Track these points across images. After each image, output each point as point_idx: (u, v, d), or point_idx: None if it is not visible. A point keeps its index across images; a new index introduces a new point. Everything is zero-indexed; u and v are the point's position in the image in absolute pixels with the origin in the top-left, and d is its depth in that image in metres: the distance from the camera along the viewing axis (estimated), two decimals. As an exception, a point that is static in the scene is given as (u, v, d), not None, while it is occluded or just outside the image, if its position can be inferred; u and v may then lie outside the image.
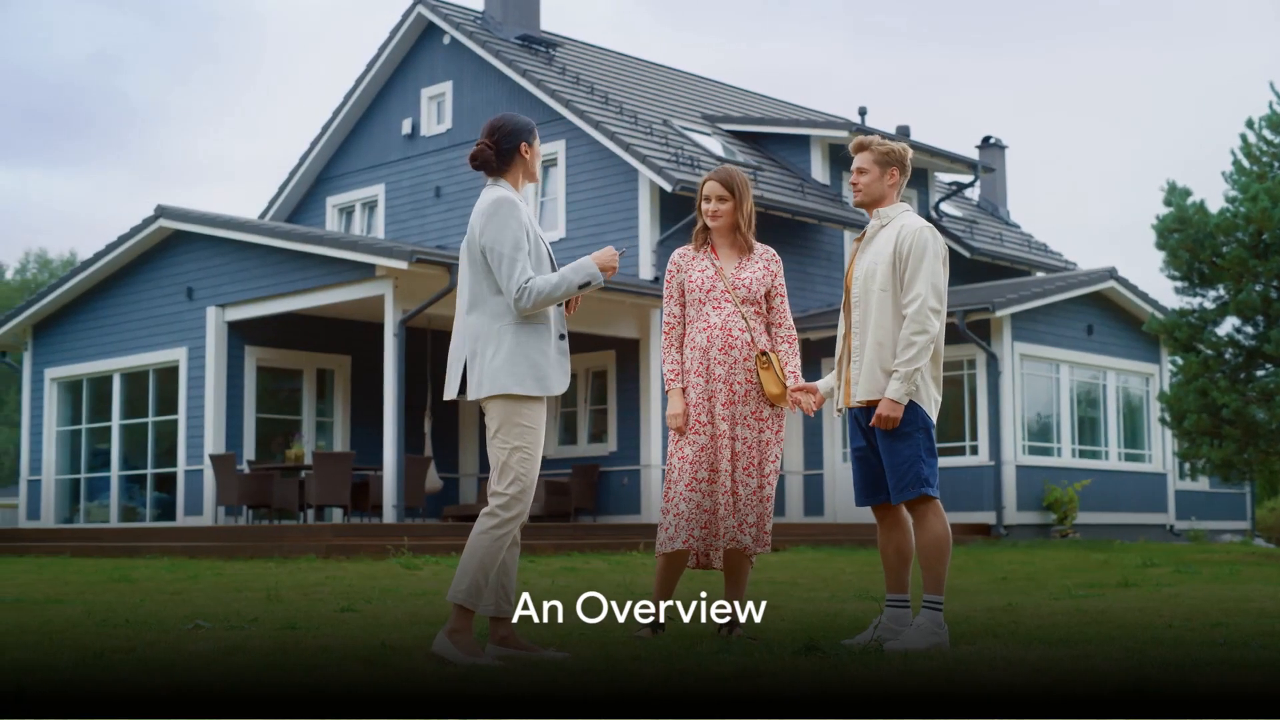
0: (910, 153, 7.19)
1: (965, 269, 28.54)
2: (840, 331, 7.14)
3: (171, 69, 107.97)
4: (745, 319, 7.30)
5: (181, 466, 22.77)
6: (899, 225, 6.96)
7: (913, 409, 6.81)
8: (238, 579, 13.49)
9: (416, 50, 27.47)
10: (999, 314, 22.48)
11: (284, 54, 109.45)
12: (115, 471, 24.26)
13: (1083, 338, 24.64)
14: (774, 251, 7.53)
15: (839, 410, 7.16)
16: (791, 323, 7.48)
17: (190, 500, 22.58)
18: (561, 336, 6.31)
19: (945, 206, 29.54)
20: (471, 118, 26.21)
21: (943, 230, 28.08)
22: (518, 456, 6.14)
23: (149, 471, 23.87)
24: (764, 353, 7.29)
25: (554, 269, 6.32)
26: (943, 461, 23.39)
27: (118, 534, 21.32)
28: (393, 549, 16.27)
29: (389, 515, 20.08)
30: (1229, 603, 9.51)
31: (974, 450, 23.29)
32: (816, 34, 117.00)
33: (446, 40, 26.76)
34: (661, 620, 7.36)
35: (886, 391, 6.76)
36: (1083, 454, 24.52)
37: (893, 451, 6.81)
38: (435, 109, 27.05)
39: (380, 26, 54.50)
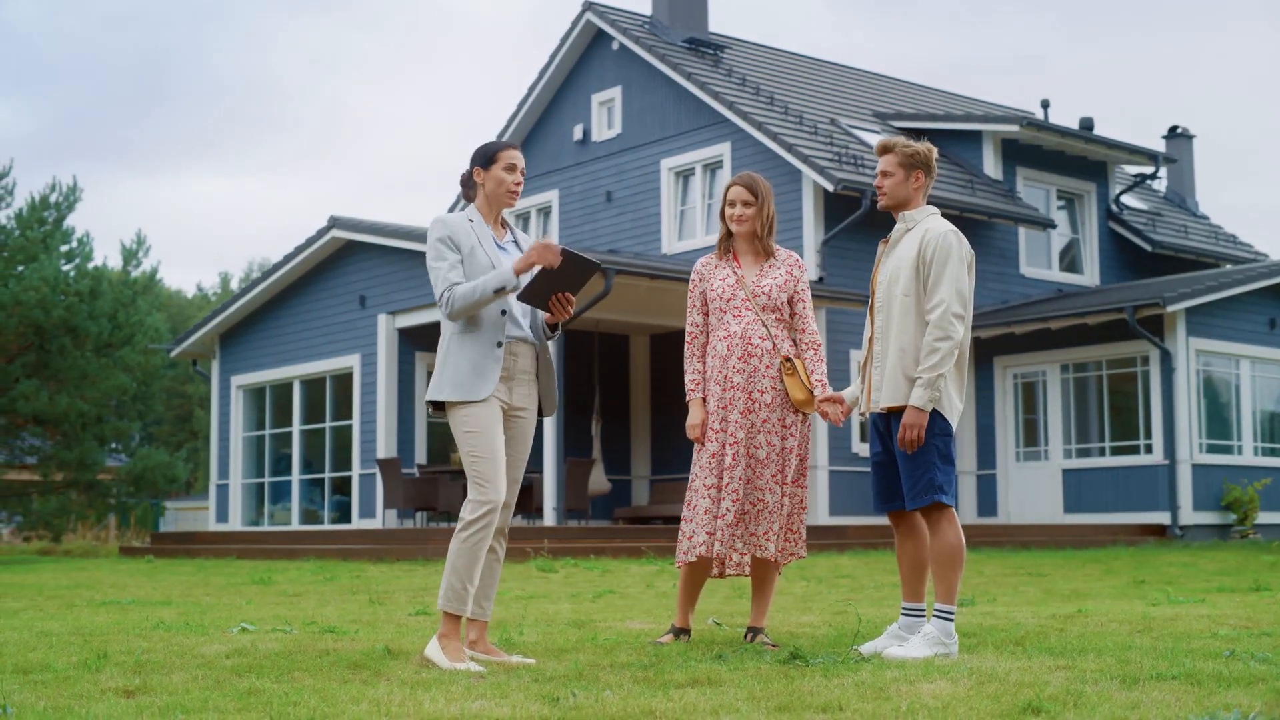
0: (935, 154, 7.09)
1: (1146, 263, 27.84)
2: (866, 335, 7.06)
3: (380, 75, 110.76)
4: (766, 326, 7.26)
5: (356, 470, 23.39)
6: (923, 229, 6.86)
7: (931, 415, 6.71)
8: (367, 582, 13.86)
9: (586, 57, 27.77)
10: (1171, 309, 21.85)
11: (474, 57, 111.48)
12: (296, 475, 25.03)
13: (1264, 332, 23.81)
14: (798, 257, 7.48)
15: (862, 415, 7.09)
16: (815, 329, 7.42)
17: (364, 503, 23.17)
18: (499, 344, 6.41)
19: (1129, 199, 28.80)
20: (640, 122, 26.42)
21: (1122, 223, 27.42)
22: (470, 461, 6.31)
23: (327, 475, 24.57)
24: (788, 359, 7.25)
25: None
26: (1115, 461, 22.89)
27: (282, 537, 22.04)
28: (532, 551, 16.50)
29: (549, 518, 20.37)
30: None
31: (1147, 449, 22.68)
32: (1009, 25, 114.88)
33: (615, 46, 27.00)
34: (687, 627, 7.39)
35: (910, 399, 6.65)
36: (1266, 452, 23.70)
37: (908, 457, 6.72)
38: (605, 114, 27.32)
39: (553, 35, 55.08)
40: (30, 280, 27.31)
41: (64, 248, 30.12)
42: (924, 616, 6.94)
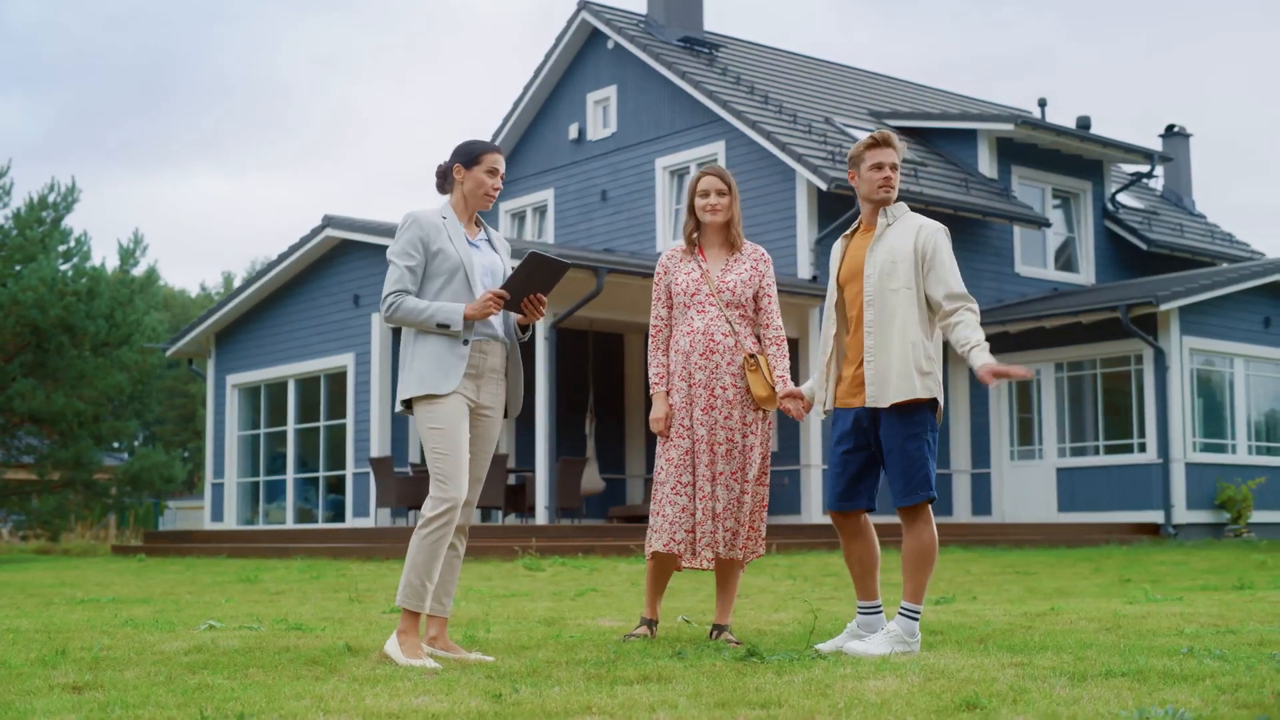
0: None
1: (1142, 262, 27.79)
2: (829, 330, 6.99)
3: (381, 74, 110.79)
4: (730, 322, 7.25)
5: (350, 469, 23.40)
6: (916, 224, 6.83)
7: (926, 411, 6.67)
8: (351, 580, 13.87)
9: (582, 56, 27.78)
10: (1164, 307, 21.80)
11: (476, 57, 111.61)
12: (291, 474, 25.05)
13: (1259, 330, 23.77)
14: (764, 251, 7.47)
15: (826, 411, 7.03)
16: (780, 324, 7.39)
17: (358, 502, 23.19)
18: (465, 342, 6.41)
19: (1125, 198, 28.77)
20: (635, 121, 26.42)
21: (1118, 222, 27.39)
22: (433, 458, 6.31)
23: (321, 474, 24.59)
24: (751, 355, 7.25)
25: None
26: (1109, 459, 22.88)
27: (273, 535, 22.06)
28: (520, 550, 16.49)
29: (541, 517, 20.35)
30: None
31: (1141, 448, 22.65)
32: (1010, 24, 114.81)
33: (610, 45, 27.01)
34: (655, 618, 7.40)
35: (979, 361, 6.54)
36: (1260, 451, 23.67)
37: (905, 452, 6.64)
38: (601, 113, 27.32)
39: (553, 35, 55.08)
40: (28, 280, 27.36)
41: (62, 248, 30.18)
42: (881, 613, 6.91)
